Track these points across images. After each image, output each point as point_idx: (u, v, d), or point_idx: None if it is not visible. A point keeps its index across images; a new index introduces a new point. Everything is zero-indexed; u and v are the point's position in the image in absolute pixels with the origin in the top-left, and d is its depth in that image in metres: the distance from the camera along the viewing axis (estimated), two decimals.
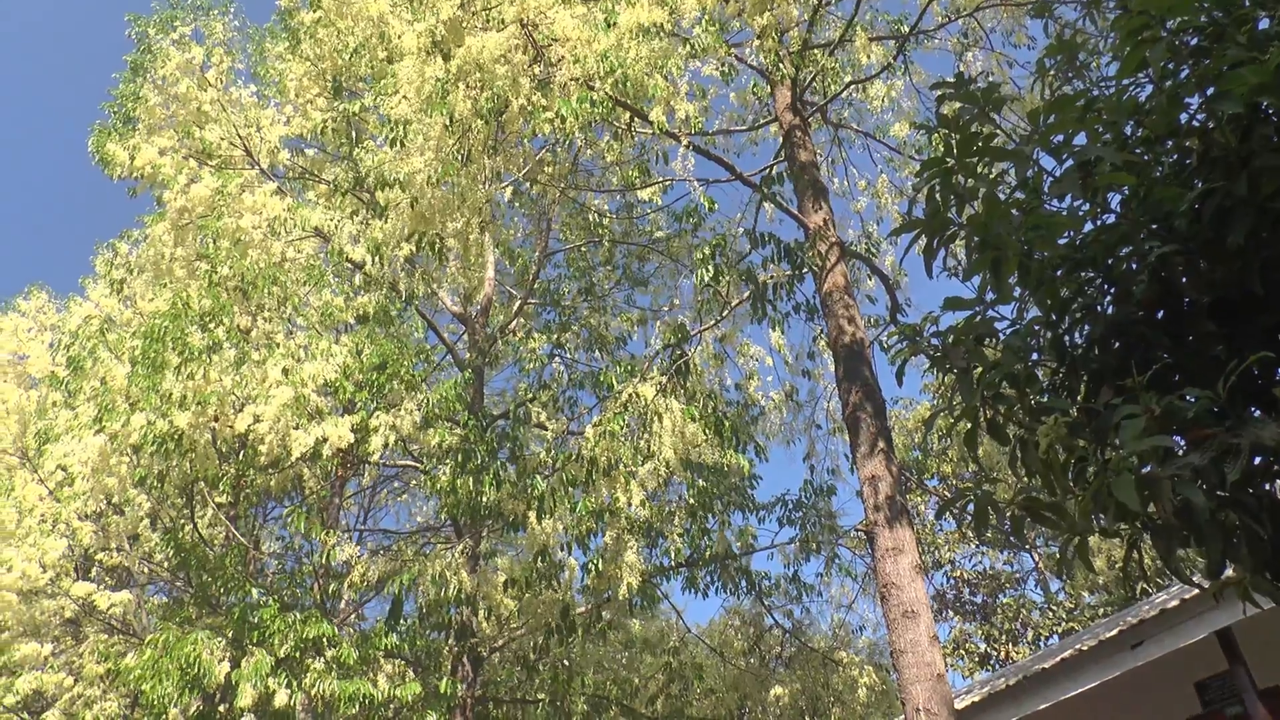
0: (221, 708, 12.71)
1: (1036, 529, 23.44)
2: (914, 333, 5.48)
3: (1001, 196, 4.58)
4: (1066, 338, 4.57)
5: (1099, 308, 4.43)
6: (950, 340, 4.85)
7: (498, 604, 12.45)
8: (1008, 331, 4.87)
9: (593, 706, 14.45)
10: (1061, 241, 4.43)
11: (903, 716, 16.53)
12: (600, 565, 11.76)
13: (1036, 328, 4.70)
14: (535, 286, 16.44)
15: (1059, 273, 4.43)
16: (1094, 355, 4.44)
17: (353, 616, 17.53)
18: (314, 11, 14.48)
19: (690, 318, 12.80)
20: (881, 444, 10.23)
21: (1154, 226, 4.12)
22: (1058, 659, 11.16)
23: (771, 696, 16.06)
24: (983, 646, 26.81)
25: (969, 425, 4.75)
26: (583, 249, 16.83)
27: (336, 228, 13.66)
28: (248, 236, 13.50)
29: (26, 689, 14.32)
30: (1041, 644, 25.36)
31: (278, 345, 12.66)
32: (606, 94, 10.16)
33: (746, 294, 12.29)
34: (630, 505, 11.22)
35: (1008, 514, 4.59)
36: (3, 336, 18.83)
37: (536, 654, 14.06)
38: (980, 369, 4.67)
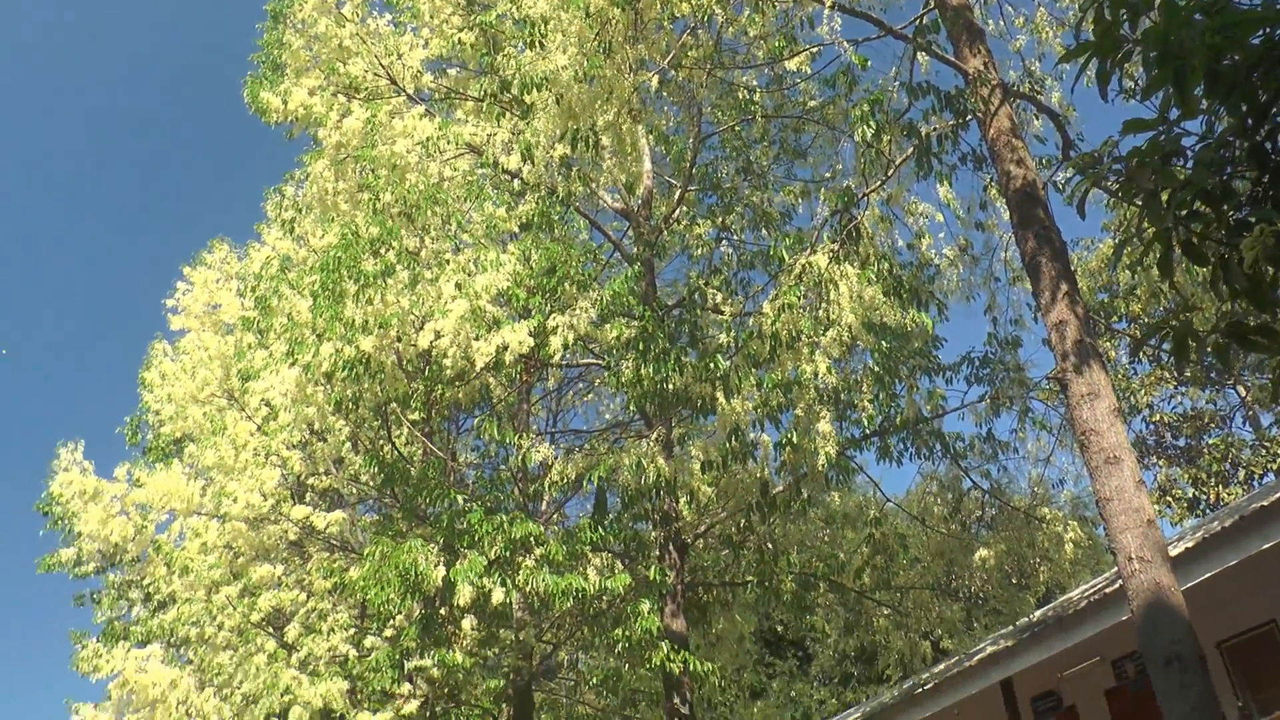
0: (442, 610, 13.31)
1: (1243, 357, 22.27)
2: (1092, 162, 5.18)
3: (1180, 1, 4.25)
4: (1267, 144, 4.25)
5: None
6: (1134, 164, 4.58)
7: (696, 489, 12.57)
8: (1197, 147, 4.57)
9: (800, 585, 14.50)
10: (1255, 41, 4.09)
11: (1114, 569, 16.07)
12: (794, 438, 11.71)
13: (1230, 138, 4.39)
14: (693, 172, 16.25)
15: (1254, 75, 4.10)
16: None
17: (554, 516, 18.03)
18: None
19: (855, 182, 12.45)
20: (1065, 287, 9.81)
21: None
22: (1277, 496, 10.64)
23: (977, 560, 15.83)
24: (1190, 491, 25.85)
25: (1161, 250, 4.48)
26: (736, 128, 16.50)
27: (488, 140, 13.76)
28: (404, 161, 13.69)
29: (267, 606, 15.36)
30: (1255, 483, 24.31)
31: (448, 262, 12.90)
32: None
33: (909, 150, 11.89)
34: (817, 376, 11.11)
35: (1210, 343, 4.34)
36: (196, 289, 19.82)
37: (740, 534, 14.18)
38: (1169, 190, 4.41)
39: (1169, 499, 25.69)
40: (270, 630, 15.81)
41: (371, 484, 16.29)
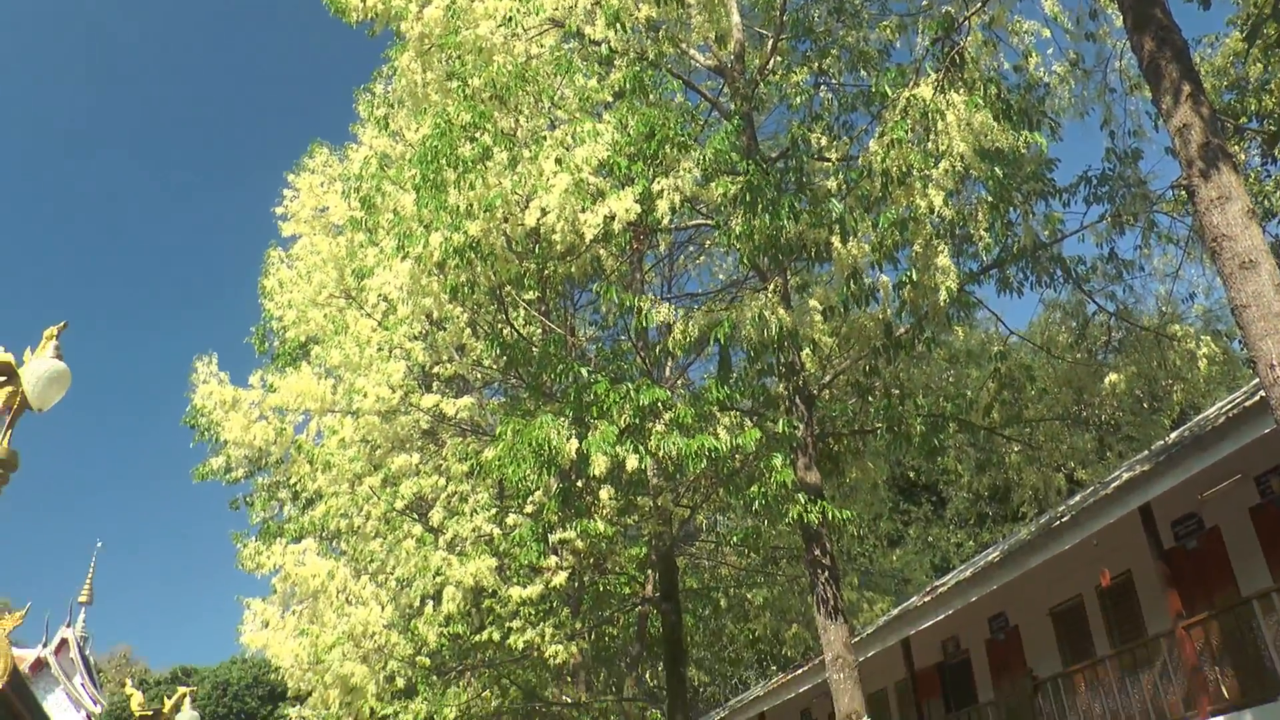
0: (579, 483, 13.58)
1: None
2: None
3: None
4: None
5: None
6: None
7: (818, 339, 12.46)
8: None
9: (930, 427, 14.38)
10: None
11: (1254, 381, 15.56)
12: (914, 276, 11.50)
13: None
14: (784, 20, 15.68)
15: None
16: None
17: (679, 381, 18.16)
18: None
19: (954, 8, 11.93)
20: (1188, 88, 9.37)
21: None
22: None
23: (1106, 386, 15.47)
24: None
25: None
26: None
27: (569, 11, 13.52)
28: (488, 44, 13.55)
29: (409, 493, 15.92)
30: None
31: (545, 139, 12.82)
32: None
33: None
34: (932, 210, 10.85)
35: None
36: (303, 195, 20.15)
37: (866, 379, 14.06)
38: None
39: None
40: (415, 516, 16.38)
41: (495, 367, 16.58)
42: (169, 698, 19.07)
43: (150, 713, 17.71)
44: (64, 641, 67.91)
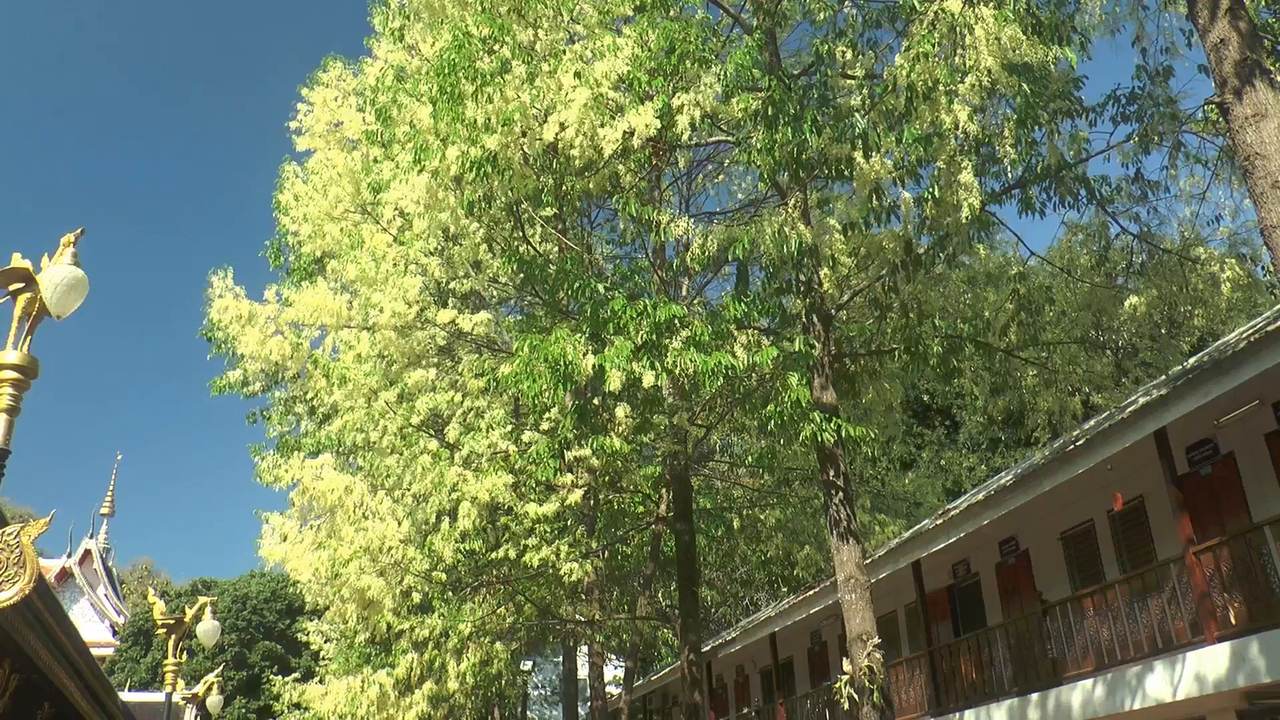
0: (595, 401, 13.59)
1: None
2: None
3: None
4: None
5: None
6: None
7: (837, 258, 12.33)
8: None
9: (948, 348, 14.28)
10: None
11: (1277, 306, 15.39)
12: (936, 192, 11.35)
13: None
14: None
15: None
16: None
17: (696, 300, 18.12)
18: None
19: None
20: (1226, 2, 9.15)
21: None
22: None
23: (1126, 309, 15.33)
24: None
25: None
26: None
27: None
28: None
29: (425, 409, 15.98)
30: None
31: (564, 53, 12.65)
32: None
33: None
34: (957, 126, 10.67)
35: None
36: (317, 109, 19.97)
37: (885, 295, 13.94)
38: None
39: None
40: (431, 432, 16.47)
41: (511, 283, 16.55)
42: (190, 608, 19.34)
43: (172, 621, 17.97)
44: (87, 552, 69.21)
